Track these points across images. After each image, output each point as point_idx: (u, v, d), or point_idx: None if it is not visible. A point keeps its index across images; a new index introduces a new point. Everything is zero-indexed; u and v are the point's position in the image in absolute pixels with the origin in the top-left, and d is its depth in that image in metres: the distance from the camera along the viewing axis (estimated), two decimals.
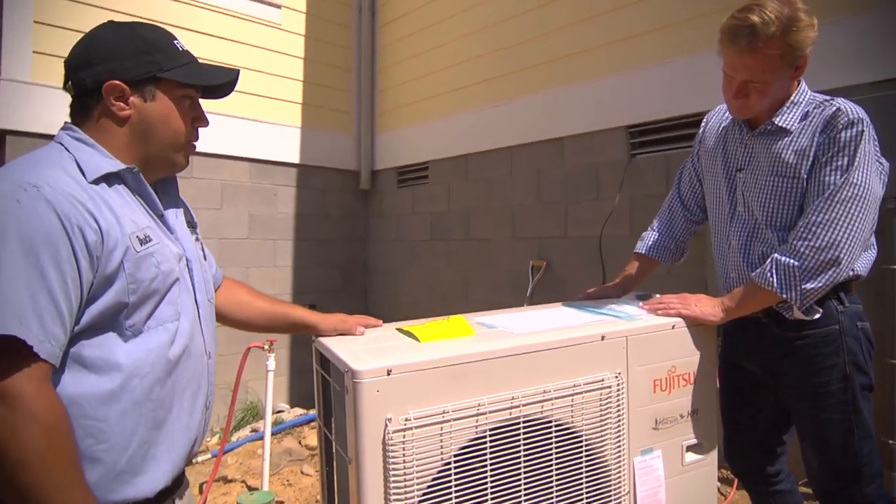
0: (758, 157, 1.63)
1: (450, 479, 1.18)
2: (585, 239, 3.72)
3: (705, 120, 1.87)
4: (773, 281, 1.50)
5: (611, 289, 1.93)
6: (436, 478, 1.17)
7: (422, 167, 5.03)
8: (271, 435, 3.08)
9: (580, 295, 1.92)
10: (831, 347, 1.53)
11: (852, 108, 1.49)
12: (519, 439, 1.25)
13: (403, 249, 5.19)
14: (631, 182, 3.48)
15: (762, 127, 1.61)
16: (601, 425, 1.37)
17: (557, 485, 1.31)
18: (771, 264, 1.51)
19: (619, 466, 1.40)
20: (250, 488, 3.15)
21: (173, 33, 1.17)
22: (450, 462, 1.18)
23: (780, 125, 1.57)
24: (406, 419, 1.14)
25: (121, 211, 1.02)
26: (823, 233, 1.45)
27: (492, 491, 1.22)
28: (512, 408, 1.25)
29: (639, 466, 1.44)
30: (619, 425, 1.40)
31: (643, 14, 3.40)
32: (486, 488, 1.22)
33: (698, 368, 1.55)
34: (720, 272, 1.77)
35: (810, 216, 1.48)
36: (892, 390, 2.35)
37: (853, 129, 1.46)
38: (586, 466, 1.35)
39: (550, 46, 3.92)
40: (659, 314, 1.58)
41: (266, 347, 2.92)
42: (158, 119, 1.10)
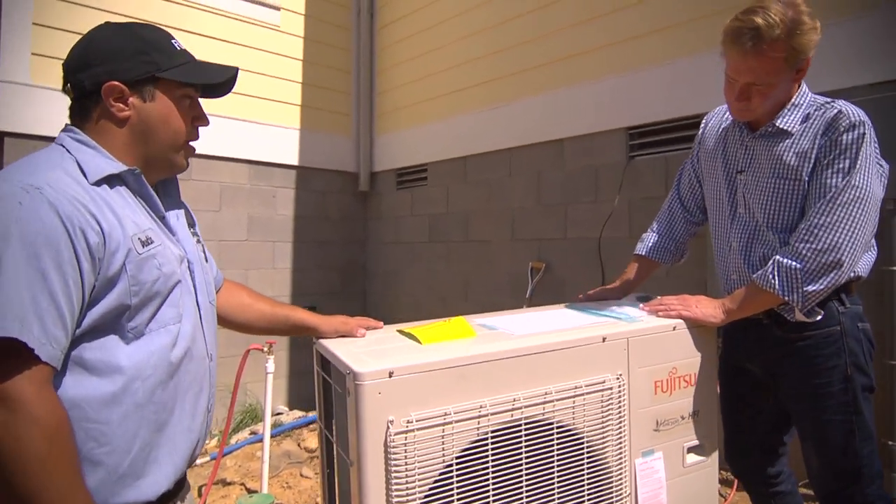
0: (759, 159, 1.62)
1: (451, 482, 1.18)
2: (585, 240, 3.72)
3: (704, 121, 1.86)
4: (774, 283, 1.50)
5: (611, 290, 1.93)
6: (437, 480, 1.17)
7: (421, 169, 5.03)
8: (270, 437, 3.07)
9: (580, 296, 1.92)
10: (832, 348, 1.53)
11: (853, 110, 1.49)
12: (521, 441, 1.25)
13: (402, 251, 5.19)
14: (630, 184, 3.48)
15: (763, 129, 1.60)
16: (602, 427, 1.37)
17: (559, 487, 1.30)
18: (773, 266, 1.51)
19: (621, 468, 1.40)
20: (249, 491, 3.14)
21: (171, 33, 1.16)
22: (451, 464, 1.18)
23: (782, 127, 1.56)
24: (408, 421, 1.14)
25: (122, 213, 1.01)
26: (825, 235, 1.46)
27: (493, 493, 1.22)
28: (514, 409, 1.25)
29: (640, 468, 1.44)
30: (620, 427, 1.39)
31: (643, 16, 3.40)
32: (488, 490, 1.21)
33: (699, 370, 1.56)
34: (721, 274, 1.77)
35: (812, 219, 1.48)
36: (892, 391, 2.36)
37: (855, 131, 1.46)
38: (588, 468, 1.35)
39: (550, 48, 3.92)
40: (660, 315, 1.58)
41: (265, 349, 2.91)
42: (158, 119, 1.10)
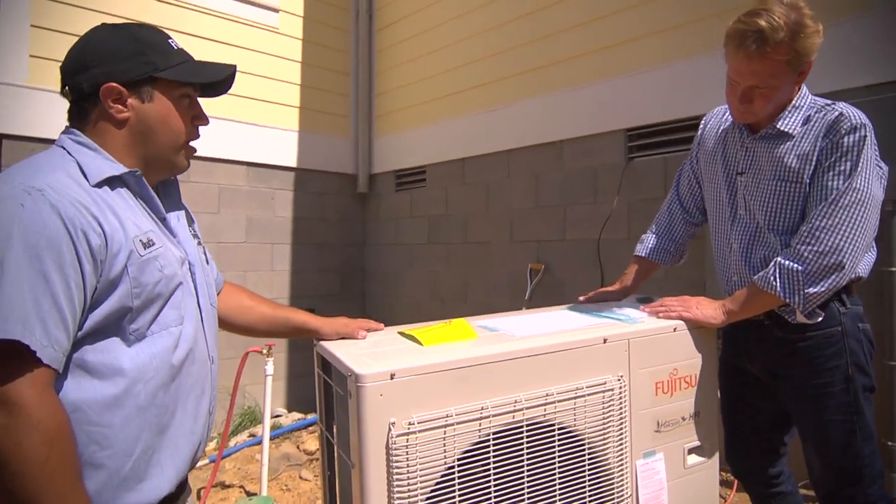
0: (759, 160, 1.62)
1: (453, 483, 1.18)
2: (584, 242, 3.72)
3: (703, 122, 1.86)
4: (776, 285, 1.50)
5: (611, 292, 1.93)
6: (439, 482, 1.17)
7: (419, 171, 5.03)
8: (269, 439, 3.06)
9: (581, 299, 1.92)
10: (833, 349, 1.53)
11: (855, 112, 1.49)
12: (522, 443, 1.25)
13: (401, 253, 5.19)
14: (629, 185, 3.48)
15: (764, 131, 1.60)
16: (604, 428, 1.37)
17: (560, 488, 1.30)
18: (774, 268, 1.51)
19: (622, 469, 1.40)
20: (248, 493, 3.14)
21: (167, 32, 1.15)
22: (453, 466, 1.18)
23: (782, 129, 1.56)
24: (409, 423, 1.14)
25: (124, 214, 1.01)
26: (827, 237, 1.46)
27: (495, 494, 1.22)
28: (515, 411, 1.25)
29: (641, 469, 1.44)
30: (621, 428, 1.39)
31: (641, 18, 3.41)
32: (490, 492, 1.21)
33: (700, 371, 1.56)
34: (721, 275, 1.77)
35: (813, 221, 1.49)
36: (892, 392, 2.36)
37: (856, 134, 1.47)
38: (589, 469, 1.35)
39: (548, 50, 3.93)
40: (660, 317, 1.58)
41: (264, 352, 2.91)
42: (157, 120, 1.09)
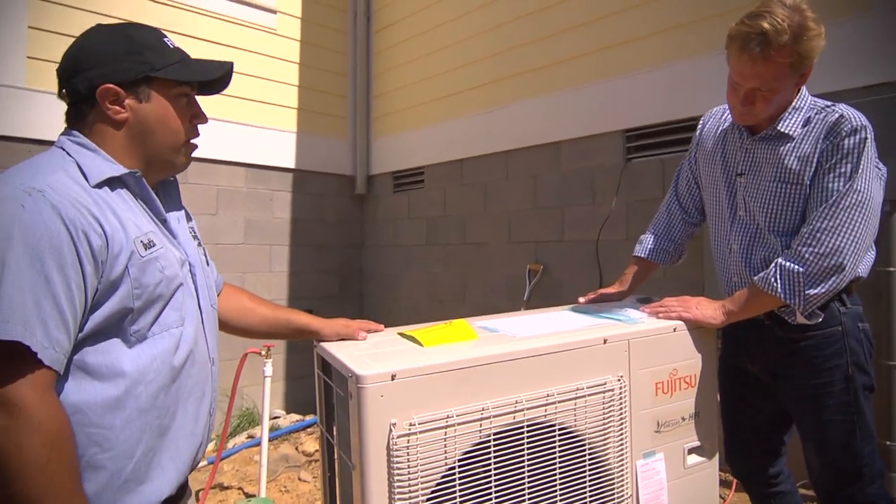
0: (759, 162, 1.62)
1: (454, 484, 1.18)
2: (582, 243, 3.72)
3: (702, 122, 1.86)
4: (777, 286, 1.50)
5: (610, 293, 1.93)
6: (440, 482, 1.17)
7: (418, 172, 5.03)
8: (268, 441, 3.06)
9: (580, 300, 1.92)
10: (834, 348, 1.54)
11: (855, 114, 1.49)
12: (523, 443, 1.25)
13: (400, 254, 5.19)
14: (627, 186, 3.49)
15: (764, 132, 1.60)
16: (604, 428, 1.37)
17: (561, 489, 1.30)
18: (775, 269, 1.51)
19: (622, 470, 1.40)
20: (247, 495, 3.13)
21: (162, 30, 1.14)
22: (454, 467, 1.18)
23: (783, 131, 1.56)
24: (410, 424, 1.14)
25: (124, 215, 1.01)
26: (828, 239, 1.46)
27: (496, 495, 1.22)
28: (516, 412, 1.25)
29: (641, 469, 1.44)
30: (621, 428, 1.40)
31: (644, 17, 3.40)
32: (491, 492, 1.21)
33: (700, 371, 1.56)
34: (721, 275, 1.77)
35: (814, 223, 1.49)
36: (890, 392, 2.37)
37: (857, 136, 1.47)
38: (590, 470, 1.35)
39: (548, 50, 3.93)
40: (660, 317, 1.58)
41: (263, 353, 2.90)
42: (155, 120, 1.09)
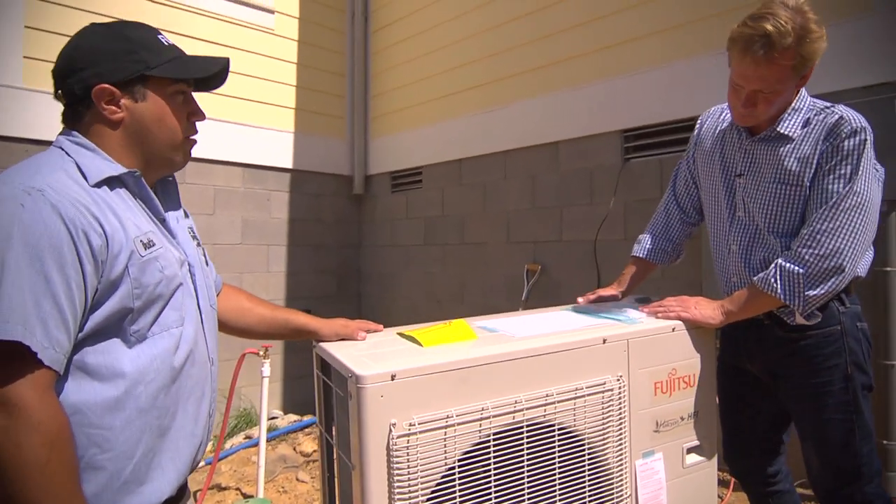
0: (758, 163, 1.62)
1: (454, 484, 1.18)
2: (580, 243, 3.73)
3: (700, 121, 1.86)
4: (776, 287, 1.50)
5: (608, 293, 1.93)
6: (440, 482, 1.17)
7: (415, 172, 5.03)
8: (266, 441, 3.05)
9: (579, 300, 1.92)
10: (833, 348, 1.54)
11: (855, 116, 1.49)
12: (522, 443, 1.25)
13: (398, 254, 5.18)
14: (625, 186, 3.49)
15: (764, 133, 1.60)
16: (603, 428, 1.37)
17: (560, 488, 1.31)
18: (775, 270, 1.51)
19: (621, 469, 1.40)
20: (245, 495, 3.12)
21: (156, 28, 1.13)
22: (454, 467, 1.18)
23: (782, 132, 1.56)
24: (410, 424, 1.14)
25: (124, 215, 1.01)
26: (827, 241, 1.46)
27: (496, 495, 1.22)
28: (515, 412, 1.25)
29: (640, 469, 1.45)
30: (620, 428, 1.40)
31: (642, 17, 3.40)
32: (490, 492, 1.21)
33: (698, 371, 1.56)
34: (720, 276, 1.77)
35: (814, 224, 1.49)
36: (888, 392, 2.37)
37: (856, 137, 1.47)
38: (589, 470, 1.35)
39: (547, 50, 3.93)
40: (659, 317, 1.58)
41: (261, 353, 2.90)
42: (152, 119, 1.08)
